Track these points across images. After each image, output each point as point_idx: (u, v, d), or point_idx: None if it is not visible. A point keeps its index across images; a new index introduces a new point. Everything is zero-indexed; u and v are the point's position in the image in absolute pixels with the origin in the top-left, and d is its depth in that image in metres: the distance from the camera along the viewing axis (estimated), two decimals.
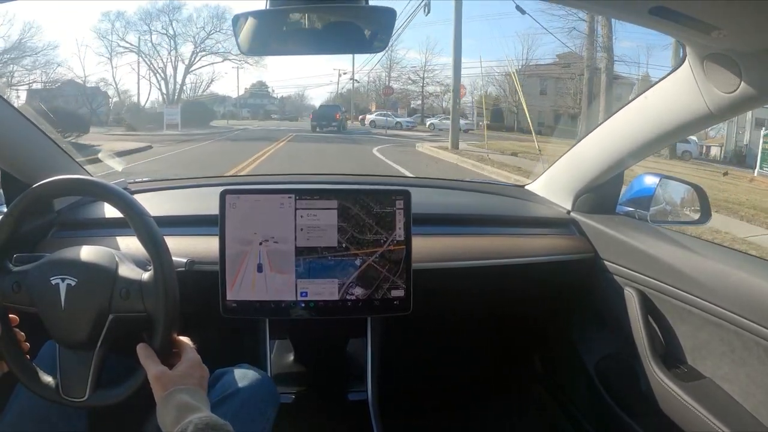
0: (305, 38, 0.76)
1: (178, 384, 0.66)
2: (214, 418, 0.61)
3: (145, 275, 0.73)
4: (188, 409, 0.62)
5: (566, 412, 1.37)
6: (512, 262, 1.15)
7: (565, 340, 1.34)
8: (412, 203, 0.99)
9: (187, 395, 0.64)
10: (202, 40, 29.64)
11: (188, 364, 0.70)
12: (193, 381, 0.68)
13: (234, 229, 0.95)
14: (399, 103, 31.92)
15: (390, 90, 27.68)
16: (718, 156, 17.88)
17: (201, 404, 0.64)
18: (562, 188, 1.33)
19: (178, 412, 0.62)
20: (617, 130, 1.10)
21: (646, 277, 1.05)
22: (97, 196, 0.81)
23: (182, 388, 0.65)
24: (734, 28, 0.66)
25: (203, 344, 1.33)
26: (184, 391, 0.65)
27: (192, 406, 0.63)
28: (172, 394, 0.64)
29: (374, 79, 35.34)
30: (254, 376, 0.86)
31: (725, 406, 0.87)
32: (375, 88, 35.48)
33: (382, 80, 34.70)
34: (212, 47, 29.62)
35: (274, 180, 1.51)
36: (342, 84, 36.83)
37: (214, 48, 29.83)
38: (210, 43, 29.74)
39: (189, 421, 0.59)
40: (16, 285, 0.72)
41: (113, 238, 1.04)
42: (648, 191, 1.21)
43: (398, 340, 1.20)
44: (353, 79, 34.07)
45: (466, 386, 1.56)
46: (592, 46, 18.28)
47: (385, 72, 34.44)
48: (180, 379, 0.67)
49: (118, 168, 1.91)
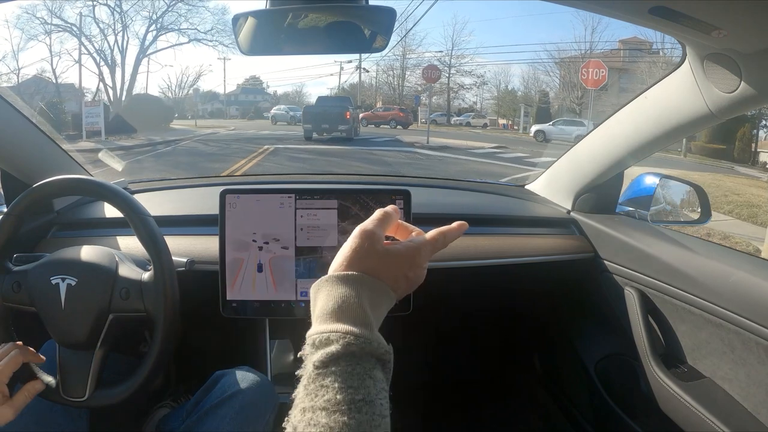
0: (305, 38, 0.76)
1: None
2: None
3: (145, 275, 0.74)
4: None
5: (566, 412, 1.37)
6: (512, 261, 1.15)
7: (565, 340, 1.34)
8: (412, 203, 0.99)
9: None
10: (162, 13, 21.31)
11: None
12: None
13: (234, 229, 0.95)
14: (420, 98, 25.17)
15: (435, 72, 17.35)
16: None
17: None
18: (562, 188, 1.33)
19: None
20: (617, 130, 1.10)
21: (646, 276, 1.05)
22: (97, 195, 0.81)
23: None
24: (734, 28, 0.65)
25: (203, 344, 1.33)
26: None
27: None
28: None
29: (385, 68, 28.62)
30: (253, 379, 0.86)
31: (725, 406, 0.87)
32: (387, 80, 28.78)
33: (396, 70, 27.88)
34: (173, 23, 21.61)
35: (274, 179, 1.51)
36: (344, 77, 31.23)
37: (175, 24, 21.60)
38: (171, 18, 21.82)
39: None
40: (16, 285, 0.72)
41: (113, 238, 1.04)
42: (648, 191, 1.21)
43: (398, 340, 1.20)
44: (360, 67, 26.53)
45: (465, 386, 1.56)
46: None
47: (398, 60, 27.51)
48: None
49: (118, 168, 1.91)
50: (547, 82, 24.36)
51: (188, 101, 29.62)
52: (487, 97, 27.69)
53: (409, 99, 27.08)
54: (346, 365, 0.40)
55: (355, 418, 0.37)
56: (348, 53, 14.52)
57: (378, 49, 0.76)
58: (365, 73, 28.76)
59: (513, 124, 24.50)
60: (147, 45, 21.21)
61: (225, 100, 32.26)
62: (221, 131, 18.36)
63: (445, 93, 27.87)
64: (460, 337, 1.54)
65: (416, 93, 26.36)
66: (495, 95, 26.84)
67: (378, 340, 0.43)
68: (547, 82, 24.35)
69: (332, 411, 0.37)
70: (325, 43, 0.76)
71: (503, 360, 1.61)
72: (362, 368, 0.40)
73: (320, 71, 48.05)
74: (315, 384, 0.39)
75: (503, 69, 30.30)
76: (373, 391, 0.39)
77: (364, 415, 0.37)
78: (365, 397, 0.38)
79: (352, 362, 0.40)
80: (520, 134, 19.82)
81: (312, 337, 0.42)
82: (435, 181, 1.74)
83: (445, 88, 27.29)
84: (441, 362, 1.56)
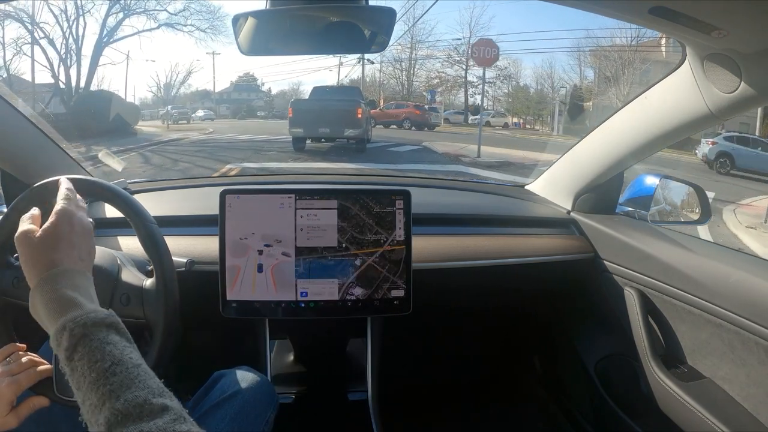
0: (305, 38, 0.76)
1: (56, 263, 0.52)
2: (99, 314, 0.49)
3: (147, 282, 0.73)
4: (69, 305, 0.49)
5: (566, 412, 1.37)
6: (512, 262, 1.15)
7: (565, 340, 1.34)
8: (412, 203, 0.99)
9: (67, 282, 0.51)
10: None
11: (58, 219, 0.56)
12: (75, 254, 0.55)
13: (234, 229, 0.95)
14: (435, 92, 21.80)
15: (492, 50, 10.71)
16: None
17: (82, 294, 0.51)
18: (562, 188, 1.33)
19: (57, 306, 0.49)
20: (617, 130, 1.09)
21: (646, 277, 1.05)
22: (97, 196, 0.81)
23: (63, 270, 0.52)
24: (734, 28, 0.65)
25: (203, 344, 1.33)
26: (65, 275, 0.52)
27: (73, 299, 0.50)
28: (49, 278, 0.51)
29: (392, 60, 24.35)
30: (253, 379, 0.86)
31: (725, 406, 0.87)
32: (393, 73, 24.66)
33: (404, 62, 23.80)
34: (138, 5, 17.27)
35: (274, 180, 1.51)
36: (344, 72, 26.75)
37: (140, 4, 17.32)
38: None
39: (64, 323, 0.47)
40: (17, 280, 0.72)
41: (113, 238, 1.04)
42: (648, 191, 1.21)
43: (398, 340, 1.20)
44: (363, 59, 21.23)
45: (466, 386, 1.56)
46: None
47: (405, 52, 23.45)
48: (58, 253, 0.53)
49: (118, 168, 1.90)
50: (571, 77, 21.10)
51: (178, 100, 26.92)
52: (499, 94, 24.60)
53: (416, 96, 23.21)
54: (83, 347, 0.46)
55: (115, 381, 0.43)
56: (348, 53, 13.34)
57: (378, 49, 0.76)
58: (369, 65, 24.64)
59: (525, 123, 22.86)
60: (108, 31, 16.97)
61: (216, 99, 29.55)
62: (194, 135, 15.01)
63: (460, 88, 23.81)
64: (460, 338, 1.54)
65: (430, 87, 22.81)
66: (506, 92, 24.00)
67: (95, 311, 0.49)
68: (571, 78, 21.10)
69: (96, 388, 0.43)
70: (325, 43, 0.77)
71: (503, 360, 1.61)
72: (97, 341, 0.46)
73: (317, 64, 41.73)
74: (74, 376, 0.45)
75: (513, 63, 25.03)
76: (117, 352, 0.46)
77: (120, 375, 0.44)
78: (113, 360, 0.45)
79: (84, 342, 0.46)
80: (556, 137, 17.00)
81: (50, 343, 0.48)
82: (435, 181, 1.74)
83: (461, 81, 23.47)
84: (441, 362, 1.56)
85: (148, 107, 24.24)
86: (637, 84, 14.81)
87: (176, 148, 11.29)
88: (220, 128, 17.75)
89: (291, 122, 9.21)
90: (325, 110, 8.94)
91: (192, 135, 14.97)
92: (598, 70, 18.79)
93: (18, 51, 15.66)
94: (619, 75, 17.22)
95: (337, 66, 24.03)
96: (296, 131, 9.17)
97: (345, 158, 8.82)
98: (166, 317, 0.70)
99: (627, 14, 0.71)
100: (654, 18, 0.65)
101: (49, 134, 1.10)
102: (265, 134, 14.01)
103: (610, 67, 18.07)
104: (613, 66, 17.88)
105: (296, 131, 9.17)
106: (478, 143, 9.91)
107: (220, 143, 12.63)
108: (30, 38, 15.50)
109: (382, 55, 25.27)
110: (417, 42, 23.63)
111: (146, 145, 11.43)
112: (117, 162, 1.91)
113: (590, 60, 18.53)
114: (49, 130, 1.10)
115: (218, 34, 20.32)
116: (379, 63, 24.57)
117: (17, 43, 15.67)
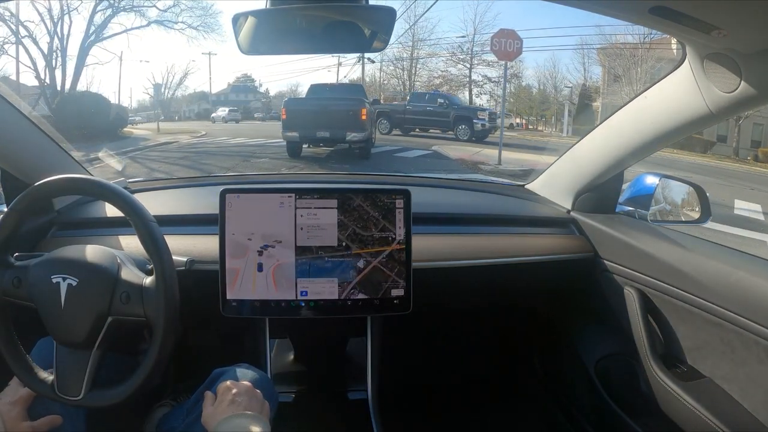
0: (305, 37, 0.76)
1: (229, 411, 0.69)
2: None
3: (147, 280, 0.73)
4: None
5: (566, 412, 1.37)
6: (512, 261, 1.15)
7: (565, 339, 1.34)
8: (412, 202, 0.99)
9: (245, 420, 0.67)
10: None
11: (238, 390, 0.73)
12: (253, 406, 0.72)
13: (234, 229, 0.95)
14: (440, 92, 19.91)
15: (516, 42, 8.54)
16: None
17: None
18: (562, 188, 1.33)
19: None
20: (617, 130, 1.09)
21: (646, 276, 1.05)
22: (97, 195, 0.81)
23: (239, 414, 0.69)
24: (734, 28, 0.65)
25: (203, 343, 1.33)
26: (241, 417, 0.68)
27: None
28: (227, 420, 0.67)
29: (393, 59, 23.34)
30: (253, 376, 0.86)
31: (725, 406, 0.87)
32: (395, 73, 23.70)
33: (404, 62, 22.89)
34: (127, 2, 15.58)
35: (274, 179, 1.51)
36: (343, 72, 26.73)
37: (127, 1, 15.58)
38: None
39: None
40: (17, 280, 0.72)
41: (114, 238, 1.04)
42: (648, 191, 1.21)
43: (398, 339, 1.20)
44: (364, 58, 19.88)
45: (466, 385, 1.56)
46: None
47: (407, 51, 22.50)
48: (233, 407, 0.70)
49: (119, 167, 1.90)
50: (574, 76, 20.52)
51: (175, 102, 26.66)
52: (500, 94, 23.18)
53: (426, 96, 22.73)
54: None
55: None
56: (348, 52, 13.08)
57: (378, 48, 0.76)
58: (369, 65, 23.09)
59: (527, 124, 22.49)
60: (96, 29, 15.47)
61: (214, 100, 28.44)
62: (183, 138, 13.74)
63: (464, 87, 22.69)
64: (460, 337, 1.54)
65: (432, 87, 21.20)
66: (510, 92, 22.65)
67: None
68: (575, 77, 20.48)
69: None
70: (325, 42, 0.77)
71: (503, 360, 1.61)
72: None
73: (315, 64, 39.81)
74: None
75: (517, 61, 23.98)
76: None
77: None
78: None
79: None
80: (567, 138, 15.59)
81: None
82: (435, 180, 1.73)
83: (465, 81, 22.46)
84: (441, 362, 1.56)
85: (145, 109, 23.74)
86: (650, 83, 14.37)
87: (159, 154, 10.21)
88: (213, 131, 16.50)
89: (285, 125, 7.86)
90: (325, 111, 7.76)
91: (182, 138, 13.76)
92: (607, 69, 18.11)
93: (1, 51, 14.45)
94: (631, 73, 16.43)
95: (335, 66, 23.11)
96: (291, 135, 7.88)
97: (347, 166, 7.79)
98: (166, 315, 0.70)
99: (627, 14, 0.71)
100: (654, 17, 0.65)
101: (49, 134, 1.10)
102: (260, 137, 12.80)
103: (622, 64, 17.27)
104: (625, 64, 17.03)
105: (291, 135, 7.88)
106: (499, 149, 8.78)
107: (207, 149, 11.34)
108: (14, 38, 14.27)
109: (382, 54, 23.34)
110: (418, 40, 22.56)
111: (129, 150, 10.26)
112: (117, 161, 1.92)
113: (599, 59, 17.85)
114: (49, 129, 1.10)
115: (210, 32, 19.77)
116: (379, 62, 23.24)
117: (0, 43, 14.42)
